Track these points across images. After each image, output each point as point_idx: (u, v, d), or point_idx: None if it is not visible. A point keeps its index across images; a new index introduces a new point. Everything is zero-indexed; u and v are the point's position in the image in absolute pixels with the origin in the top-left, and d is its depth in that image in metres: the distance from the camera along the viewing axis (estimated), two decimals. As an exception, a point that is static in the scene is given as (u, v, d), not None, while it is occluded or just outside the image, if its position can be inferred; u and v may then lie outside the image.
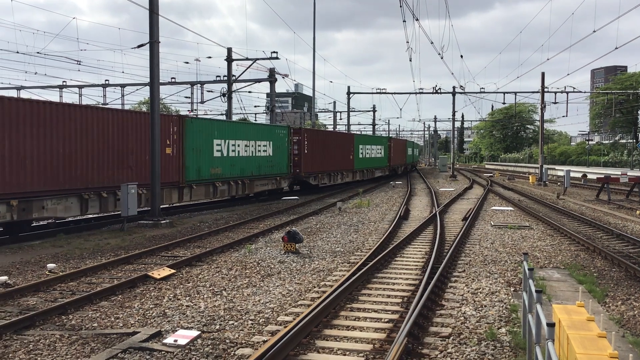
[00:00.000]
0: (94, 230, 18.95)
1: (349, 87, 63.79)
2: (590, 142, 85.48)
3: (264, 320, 8.86)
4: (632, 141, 79.43)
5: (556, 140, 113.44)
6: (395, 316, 8.94)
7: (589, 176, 43.90)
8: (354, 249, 15.18)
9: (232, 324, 8.62)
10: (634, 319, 8.99)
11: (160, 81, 20.51)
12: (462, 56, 47.14)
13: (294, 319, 8.51)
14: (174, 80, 40.34)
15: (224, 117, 43.00)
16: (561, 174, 52.80)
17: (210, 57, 49.43)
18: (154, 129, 19.64)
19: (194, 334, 8.01)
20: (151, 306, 9.61)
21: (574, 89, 48.99)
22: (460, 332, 8.23)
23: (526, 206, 26.25)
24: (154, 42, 19.72)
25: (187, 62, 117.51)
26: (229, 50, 36.31)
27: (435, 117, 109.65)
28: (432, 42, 29.48)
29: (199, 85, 40.15)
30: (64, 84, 43.87)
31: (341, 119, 75.28)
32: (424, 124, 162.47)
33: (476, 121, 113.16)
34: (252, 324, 8.63)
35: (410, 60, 35.51)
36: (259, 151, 28.18)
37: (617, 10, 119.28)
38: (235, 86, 37.52)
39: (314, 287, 11.03)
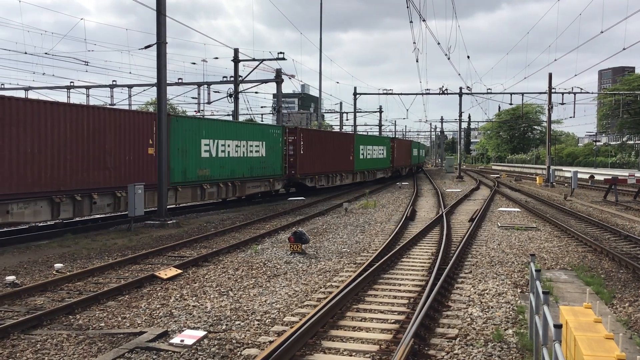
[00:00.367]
0: (101, 230, 19.04)
1: (355, 88, 60.31)
2: (597, 143, 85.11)
3: (270, 320, 8.87)
4: (639, 142, 79.12)
5: (563, 141, 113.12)
6: (401, 317, 8.92)
7: (597, 177, 43.73)
8: (361, 250, 15.18)
9: (239, 324, 8.64)
10: (641, 321, 8.94)
11: (167, 82, 20.59)
12: (469, 57, 47.01)
13: (300, 320, 8.51)
14: (181, 80, 40.46)
15: (230, 118, 43.08)
16: (568, 175, 52.59)
17: (217, 58, 49.43)
18: (161, 129, 19.72)
19: (201, 334, 8.03)
20: (158, 306, 9.65)
21: (582, 89, 48.85)
22: (466, 333, 8.21)
23: (533, 207, 26.16)
24: (161, 43, 19.80)
25: (194, 63, 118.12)
26: (236, 51, 36.35)
27: (441, 118, 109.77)
28: (439, 43, 29.47)
29: (206, 85, 40.29)
30: (72, 84, 44.10)
31: (347, 120, 74.99)
32: (431, 124, 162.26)
33: (483, 122, 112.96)
34: (258, 324, 8.64)
35: (417, 60, 35.41)
36: (250, 152, 27.17)
37: (625, 10, 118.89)
38: (241, 87, 37.57)
39: (320, 287, 11.03)
